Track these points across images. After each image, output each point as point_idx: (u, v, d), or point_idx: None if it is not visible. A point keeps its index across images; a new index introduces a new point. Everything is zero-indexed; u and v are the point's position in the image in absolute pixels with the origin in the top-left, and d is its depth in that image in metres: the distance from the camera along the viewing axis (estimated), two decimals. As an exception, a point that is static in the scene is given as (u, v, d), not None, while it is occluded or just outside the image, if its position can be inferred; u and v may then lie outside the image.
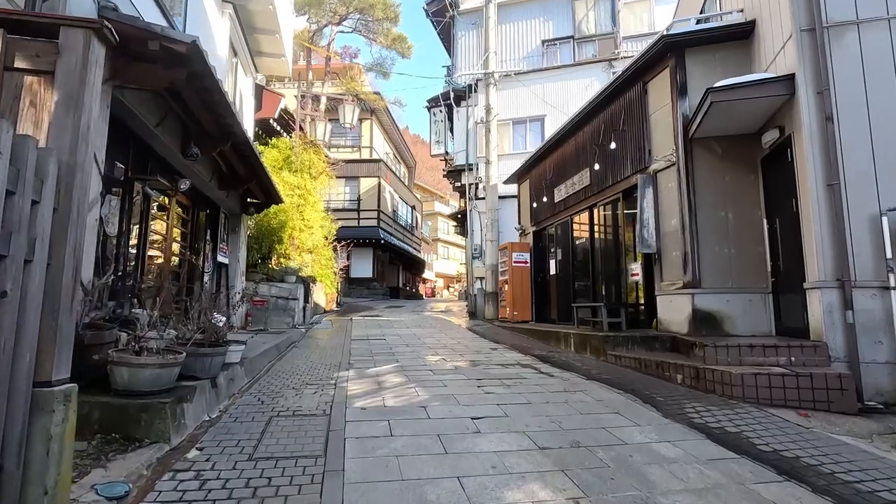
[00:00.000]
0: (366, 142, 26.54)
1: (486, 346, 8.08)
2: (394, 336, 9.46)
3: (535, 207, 11.57)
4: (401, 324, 11.83)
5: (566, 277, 10.09)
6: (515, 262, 11.80)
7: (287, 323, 10.94)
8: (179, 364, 3.43)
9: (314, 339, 9.26)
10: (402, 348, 7.81)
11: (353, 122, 13.02)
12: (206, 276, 8.83)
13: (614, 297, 8.19)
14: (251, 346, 6.39)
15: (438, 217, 54.49)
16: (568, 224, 9.99)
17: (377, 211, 25.63)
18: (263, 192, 9.68)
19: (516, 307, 11.62)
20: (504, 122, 14.66)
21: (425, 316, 14.36)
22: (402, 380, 5.14)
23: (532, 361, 6.53)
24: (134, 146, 5.58)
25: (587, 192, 9.02)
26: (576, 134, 9.54)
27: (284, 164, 12.44)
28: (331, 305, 15.72)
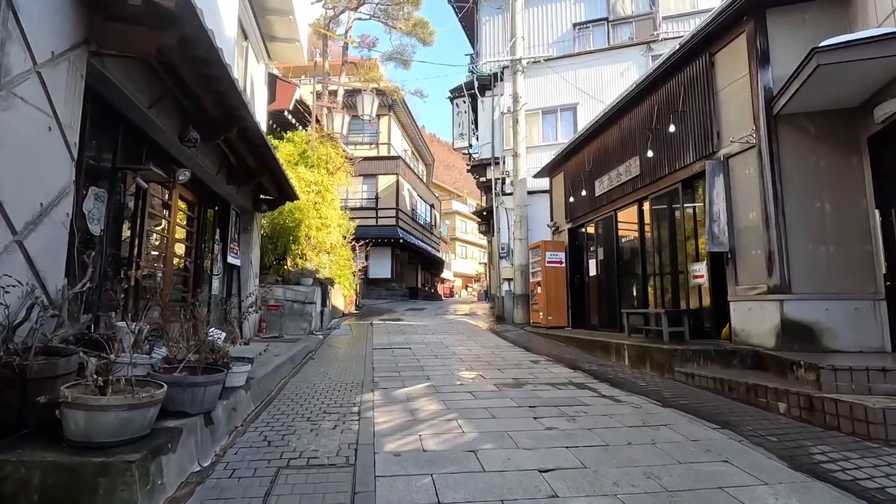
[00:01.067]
0: (384, 138, 25.78)
1: (525, 358, 7.16)
2: (419, 344, 8.60)
3: (571, 202, 10.58)
4: (425, 329, 10.97)
5: (610, 279, 9.10)
6: (549, 263, 10.84)
7: (304, 329, 10.17)
8: (157, 403, 2.59)
9: (333, 347, 8.45)
10: (430, 360, 6.93)
11: (372, 114, 12.22)
12: (214, 279, 8.09)
13: (670, 302, 7.19)
14: (262, 360, 5.59)
15: (456, 216, 53.69)
16: (611, 220, 8.99)
17: (395, 209, 24.85)
18: (277, 188, 8.90)
19: (551, 311, 10.66)
20: (533, 112, 13.68)
21: (449, 320, 13.48)
22: (438, 407, 4.25)
23: (585, 379, 5.58)
24: (124, 131, 4.80)
25: (636, 183, 8.02)
26: (621, 119, 8.54)
27: (300, 159, 11.69)
28: (350, 308, 14.96)
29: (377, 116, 26.25)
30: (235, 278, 9.11)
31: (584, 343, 8.03)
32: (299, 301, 10.27)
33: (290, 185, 8.67)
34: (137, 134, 4.98)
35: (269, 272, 10.61)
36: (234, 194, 8.09)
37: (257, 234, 9.75)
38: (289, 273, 10.72)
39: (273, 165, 7.44)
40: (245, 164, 7.31)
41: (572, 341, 8.52)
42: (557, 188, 11.64)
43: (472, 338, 9.69)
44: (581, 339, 8.20)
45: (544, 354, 7.50)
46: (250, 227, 9.37)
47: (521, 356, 7.42)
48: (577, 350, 8.06)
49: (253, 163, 7.25)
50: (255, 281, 9.65)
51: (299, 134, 12.13)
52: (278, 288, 10.25)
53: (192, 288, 7.21)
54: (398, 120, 26.86)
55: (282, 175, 8.05)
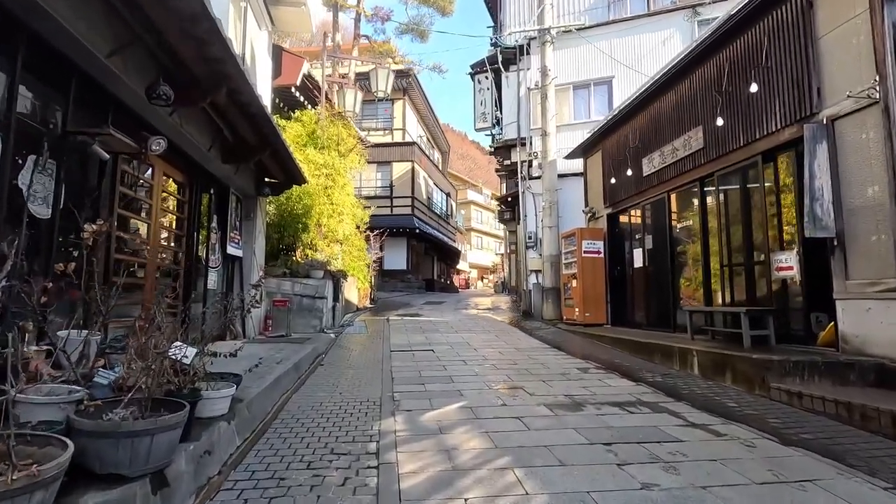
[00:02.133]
0: (398, 123, 24.67)
1: (570, 365, 6.07)
2: (443, 345, 7.56)
3: (612, 184, 9.39)
4: (446, 326, 9.93)
5: (660, 271, 7.93)
6: (586, 252, 9.69)
7: (314, 326, 9.21)
8: (47, 484, 1.57)
9: (345, 349, 7.46)
10: (457, 366, 5.89)
11: (386, 90, 11.12)
12: (212, 272, 7.13)
13: (745, 299, 6.01)
14: (259, 372, 4.60)
15: (472, 206, 52.55)
16: (664, 202, 7.80)
17: (411, 198, 23.80)
18: (282, 169, 7.89)
19: (587, 307, 9.53)
20: (563, 87, 12.44)
21: (471, 315, 12.42)
22: (481, 443, 3.20)
23: (656, 396, 4.49)
24: (79, 86, 3.79)
25: (698, 158, 6.82)
26: (678, 84, 7.31)
27: (309, 140, 10.67)
28: (364, 302, 14.00)
29: (391, 101, 25.11)
30: (237, 271, 8.16)
31: (634, 346, 6.91)
32: (309, 296, 9.30)
33: (296, 166, 7.65)
34: (97, 91, 3.97)
35: (276, 264, 9.66)
36: (232, 176, 7.11)
37: (262, 222, 8.78)
38: (297, 265, 9.75)
39: (275, 141, 6.41)
40: (242, 138, 6.29)
41: (618, 343, 7.40)
42: (594, 169, 10.44)
43: (500, 337, 8.63)
44: (630, 342, 7.07)
45: (590, 359, 6.40)
46: (253, 214, 8.40)
47: (564, 361, 6.33)
48: (625, 353, 6.94)
49: (251, 137, 6.23)
50: (259, 274, 8.68)
51: (308, 113, 11.10)
52: (286, 281, 9.29)
53: (183, 283, 6.26)
54: (413, 104, 25.69)
55: (286, 153, 7.02)
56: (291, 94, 11.09)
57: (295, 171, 7.88)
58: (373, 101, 25.57)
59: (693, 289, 7.22)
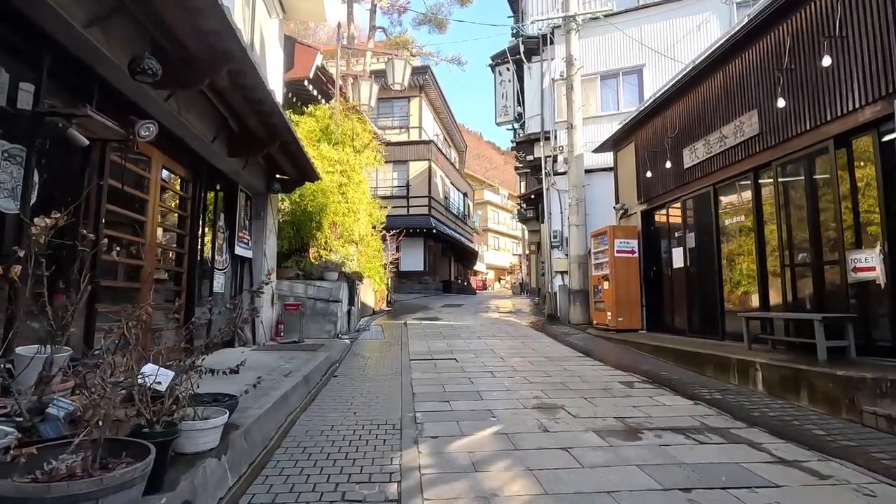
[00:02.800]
0: (414, 121, 24.16)
1: (611, 377, 5.41)
2: (466, 353, 6.96)
3: (647, 179, 8.68)
4: (468, 331, 9.33)
5: (705, 272, 7.20)
6: (619, 252, 8.99)
7: (328, 332, 8.70)
8: None
9: (361, 357, 6.90)
10: (485, 379, 5.28)
11: (403, 83, 10.56)
12: (218, 275, 6.65)
13: (814, 303, 5.28)
14: (265, 387, 4.06)
15: (489, 206, 51.93)
16: (709, 196, 7.07)
17: (428, 197, 23.25)
18: (293, 164, 7.38)
19: (620, 311, 8.83)
20: (589, 78, 11.74)
21: (493, 319, 11.79)
22: (529, 488, 2.59)
23: (723, 420, 3.81)
24: (54, 62, 3.30)
25: (752, 146, 6.10)
26: (725, 65, 6.59)
27: (322, 136, 10.17)
28: (380, 305, 13.47)
29: (407, 98, 24.64)
30: (246, 273, 7.68)
31: (680, 355, 6.21)
32: (322, 299, 8.79)
33: (308, 161, 7.13)
34: (76, 68, 3.48)
35: (289, 265, 9.17)
36: (240, 171, 6.62)
37: (273, 221, 8.30)
38: (311, 266, 9.25)
39: (284, 133, 5.89)
40: (248, 129, 5.78)
41: (660, 352, 6.70)
42: (625, 163, 9.73)
43: (527, 343, 7.99)
44: (675, 350, 6.37)
45: (632, 371, 5.73)
46: (263, 213, 7.91)
47: (604, 373, 5.67)
48: (669, 364, 6.25)
49: (258, 128, 5.71)
50: (271, 275, 8.20)
51: (321, 108, 10.61)
52: (298, 284, 8.79)
53: (186, 286, 5.78)
54: (429, 101, 25.17)
55: (296, 146, 6.50)
56: (305, 89, 10.62)
57: (307, 166, 7.36)
58: (389, 99, 25.22)
59: (744, 292, 6.49)
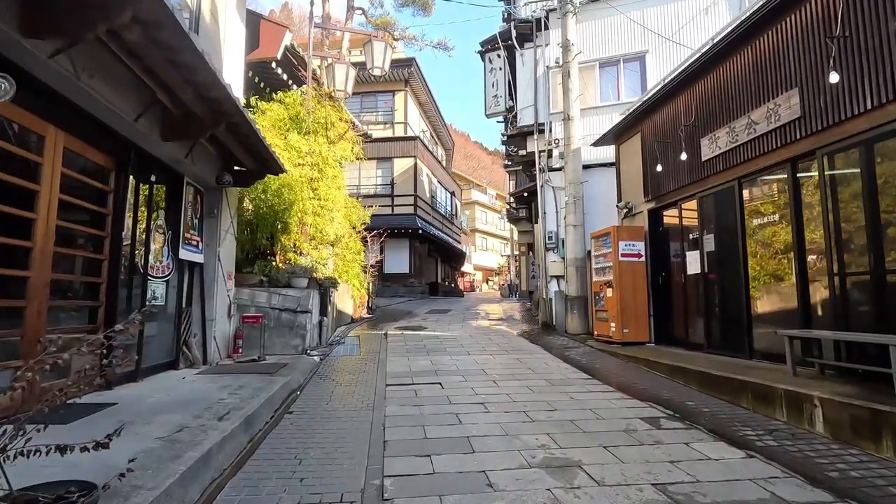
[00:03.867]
0: (399, 117, 23.07)
1: (630, 411, 4.42)
2: (453, 374, 5.94)
3: (655, 173, 7.74)
4: (455, 344, 8.31)
5: (728, 279, 6.27)
6: (624, 255, 8.04)
7: (295, 347, 7.60)
8: None
9: (328, 382, 5.82)
10: (477, 417, 4.25)
11: (384, 67, 9.49)
12: (155, 284, 5.52)
13: (869, 319, 4.36)
14: (182, 442, 2.99)
15: (476, 206, 51.10)
16: (732, 192, 6.14)
17: (414, 196, 22.19)
18: (250, 154, 6.29)
19: (626, 321, 7.88)
20: (587, 65, 10.81)
21: (483, 328, 10.78)
22: None
23: (800, 489, 2.84)
24: None
25: (790, 132, 5.17)
26: (755, 39, 5.66)
27: (292, 125, 9.07)
28: (360, 312, 12.38)
29: (391, 92, 23.55)
30: (196, 280, 6.56)
31: (704, 379, 5.24)
32: (289, 309, 7.68)
33: (267, 149, 6.03)
34: None
35: (252, 271, 8.06)
36: (183, 160, 5.51)
37: (231, 220, 7.18)
38: (277, 272, 8.14)
39: (231, 112, 4.79)
40: (185, 106, 4.69)
41: (678, 373, 5.74)
42: (630, 157, 8.80)
43: (523, 360, 6.99)
44: (697, 373, 5.41)
45: (652, 401, 4.76)
46: (218, 210, 6.79)
47: (619, 404, 4.68)
48: (693, 389, 5.29)
49: (196, 104, 4.62)
50: (227, 283, 7.10)
51: (292, 94, 9.50)
52: (261, 292, 7.68)
53: (105, 300, 4.65)
54: (415, 96, 24.11)
55: (250, 131, 5.41)
56: (273, 72, 9.50)
57: (266, 155, 6.27)
58: (372, 93, 24.11)
59: (779, 304, 5.56)
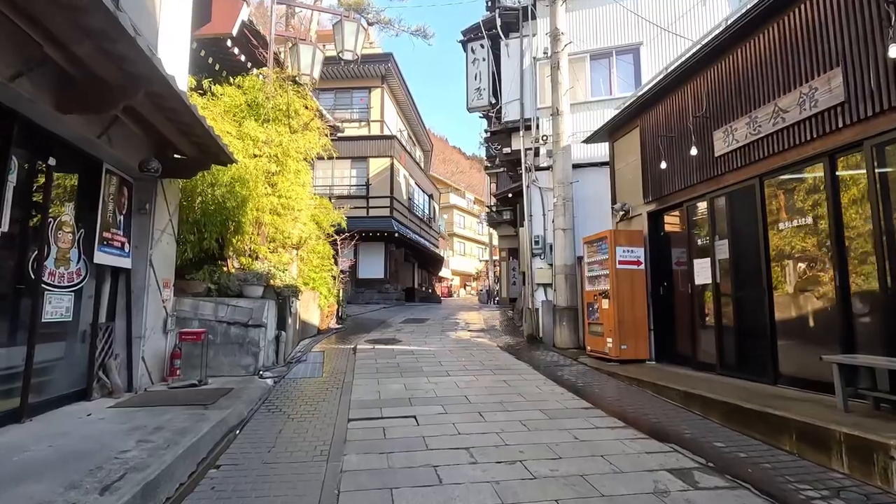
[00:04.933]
0: (376, 115, 22.03)
1: (651, 459, 3.53)
2: (431, 406, 4.96)
3: (658, 172, 6.96)
4: (432, 362, 7.33)
5: (746, 290, 5.48)
6: (622, 262, 7.22)
7: (246, 367, 6.51)
8: None
9: (276, 416, 4.76)
10: (463, 473, 3.28)
11: (355, 50, 8.51)
12: (56, 295, 4.40)
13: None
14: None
15: (454, 210, 50.40)
16: (752, 191, 5.37)
17: (390, 198, 21.15)
18: (185, 136, 5.22)
19: (625, 337, 7.05)
20: (577, 57, 10.04)
21: (463, 340, 9.84)
22: None
23: None
24: None
25: (828, 120, 4.41)
26: (788, 10, 4.89)
27: (250, 112, 7.98)
28: (328, 322, 11.28)
29: (367, 89, 22.50)
30: (122, 290, 5.43)
31: (729, 413, 4.40)
32: (239, 323, 6.59)
33: (206, 131, 4.97)
34: None
35: (199, 277, 6.93)
36: (95, 140, 4.42)
37: (168, 218, 6.07)
38: (228, 278, 7.03)
39: (150, 76, 3.74)
40: (84, 66, 3.62)
41: (694, 401, 4.89)
42: (626, 155, 8.01)
43: (511, 383, 6.06)
44: (718, 403, 4.57)
45: (675, 442, 3.89)
46: (151, 206, 5.68)
47: (635, 448, 3.78)
48: (716, 423, 4.44)
49: (97, 62, 3.56)
50: (163, 292, 5.97)
51: (251, 78, 8.41)
52: (207, 303, 6.57)
53: (-27, 317, 3.53)
54: (392, 94, 23.12)
55: (180, 105, 4.35)
56: (229, 52, 8.40)
57: (208, 140, 5.20)
58: (347, 89, 22.99)
59: (811, 320, 4.78)
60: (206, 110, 7.20)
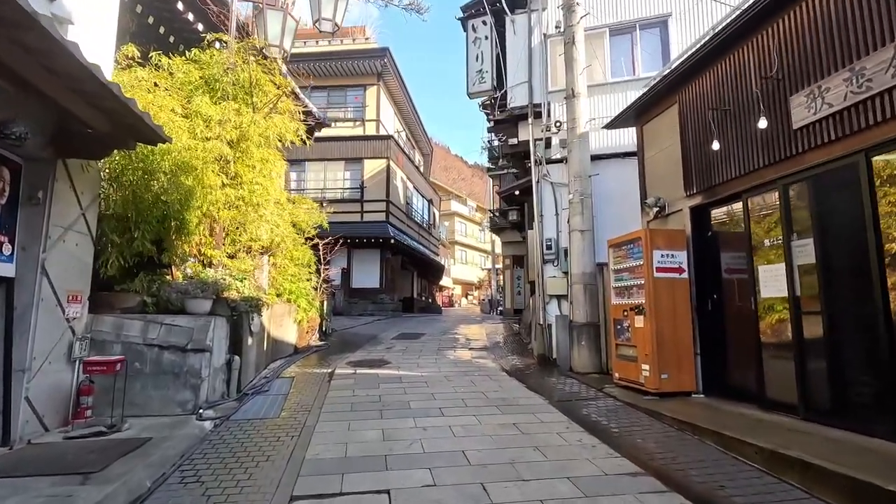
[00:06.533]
0: (371, 114, 20.73)
1: None
2: (416, 471, 3.49)
3: (705, 157, 5.55)
4: (423, 394, 5.88)
5: (847, 307, 4.03)
6: (660, 270, 5.78)
7: (183, 403, 5.07)
8: None
9: (191, 488, 3.28)
10: None
11: (336, 19, 7.16)
12: None
13: None
14: None
15: (456, 217, 49.11)
16: (854, 172, 3.93)
17: (386, 202, 19.78)
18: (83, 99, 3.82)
19: (666, 362, 5.60)
20: (595, 32, 8.68)
21: (463, 362, 8.39)
22: None
23: None
24: None
25: None
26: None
27: (206, 88, 6.63)
28: (309, 339, 9.83)
29: (363, 87, 21.20)
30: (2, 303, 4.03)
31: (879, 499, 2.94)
32: (175, 347, 5.16)
33: (114, 95, 3.57)
34: None
35: (131, 288, 5.53)
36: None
37: (79, 212, 4.67)
38: (169, 288, 5.62)
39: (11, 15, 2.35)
40: None
41: (793, 469, 3.44)
42: (660, 139, 6.61)
43: (523, 427, 4.61)
44: (851, 483, 3.11)
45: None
46: (47, 194, 4.28)
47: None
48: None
49: None
50: (67, 308, 4.56)
51: (211, 52, 7.05)
52: (133, 321, 5.16)
53: None
54: (389, 92, 21.86)
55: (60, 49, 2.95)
56: (181, 18, 7.06)
57: (118, 106, 3.80)
58: (341, 87, 21.65)
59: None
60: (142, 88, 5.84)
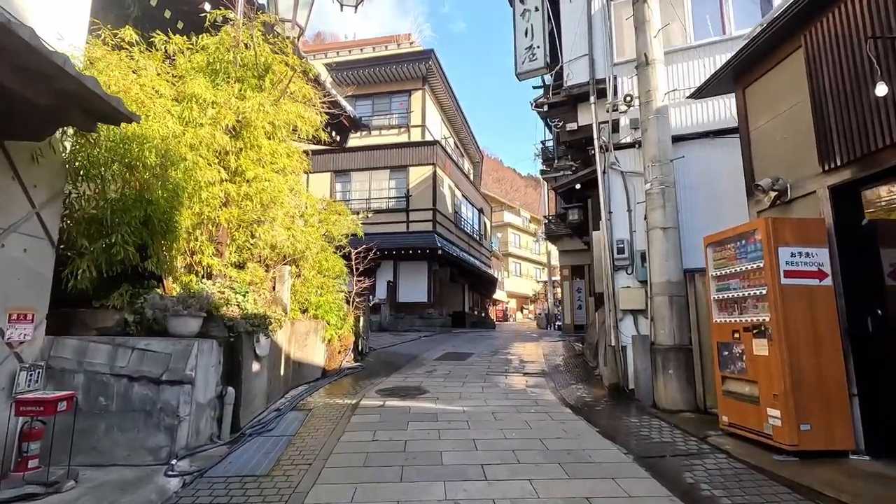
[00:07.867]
0: (416, 119, 19.86)
1: None
2: None
3: (855, 112, 3.88)
4: (461, 440, 4.48)
5: None
6: (790, 275, 4.12)
7: (155, 450, 3.99)
8: None
9: None
10: None
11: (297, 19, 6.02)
12: None
13: None
14: None
15: (509, 228, 47.53)
16: None
17: (432, 210, 18.69)
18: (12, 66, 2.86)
19: (805, 407, 3.91)
20: (671, -13, 7.13)
21: (515, 393, 6.93)
22: None
23: None
24: None
25: None
26: None
27: (207, 70, 5.73)
28: (341, 359, 8.71)
29: (408, 92, 20.38)
30: None
31: None
32: (148, 378, 4.12)
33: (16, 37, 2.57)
34: None
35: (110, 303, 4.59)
36: None
37: (28, 208, 3.75)
38: (154, 304, 4.63)
39: None
40: None
41: None
42: (774, 102, 4.96)
43: (597, 501, 3.14)
44: None
45: None
46: (-21, 186, 3.38)
47: None
48: None
49: None
50: (9, 329, 3.62)
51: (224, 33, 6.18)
52: (101, 345, 4.18)
53: None
54: (434, 96, 20.93)
55: None
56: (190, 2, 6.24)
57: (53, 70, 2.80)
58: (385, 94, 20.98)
59: None
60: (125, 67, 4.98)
